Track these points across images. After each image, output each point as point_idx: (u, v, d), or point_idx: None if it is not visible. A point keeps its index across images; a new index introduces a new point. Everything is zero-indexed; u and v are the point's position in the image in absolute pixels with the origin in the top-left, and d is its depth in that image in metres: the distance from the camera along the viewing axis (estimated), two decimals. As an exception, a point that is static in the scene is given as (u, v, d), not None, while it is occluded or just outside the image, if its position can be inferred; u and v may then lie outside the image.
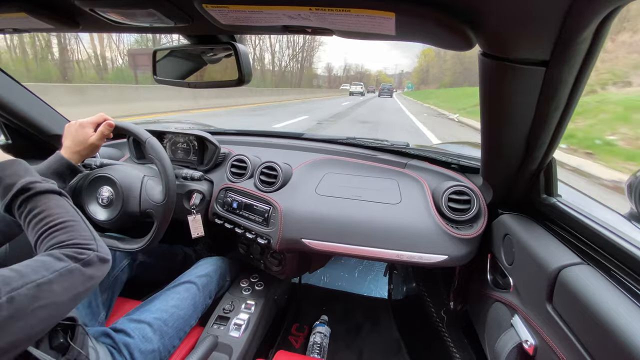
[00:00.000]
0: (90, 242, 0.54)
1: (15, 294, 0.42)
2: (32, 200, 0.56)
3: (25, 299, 0.43)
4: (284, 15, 0.46)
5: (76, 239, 0.53)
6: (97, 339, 0.71)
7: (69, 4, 0.49)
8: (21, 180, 0.57)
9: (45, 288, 0.45)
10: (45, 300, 0.45)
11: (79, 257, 0.51)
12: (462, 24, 0.40)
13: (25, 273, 0.45)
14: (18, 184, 0.56)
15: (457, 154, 1.06)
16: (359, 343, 1.33)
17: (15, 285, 0.43)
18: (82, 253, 0.52)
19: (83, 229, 0.55)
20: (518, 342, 0.61)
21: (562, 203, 0.65)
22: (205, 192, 1.07)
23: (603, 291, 0.46)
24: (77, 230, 0.54)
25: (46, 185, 0.58)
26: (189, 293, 0.91)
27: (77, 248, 0.52)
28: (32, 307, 0.43)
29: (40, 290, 0.45)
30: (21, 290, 0.43)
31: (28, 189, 0.56)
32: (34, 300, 0.44)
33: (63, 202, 0.58)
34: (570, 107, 0.52)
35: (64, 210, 0.56)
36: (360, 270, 1.74)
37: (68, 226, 0.54)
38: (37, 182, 0.57)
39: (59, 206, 0.57)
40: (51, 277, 0.46)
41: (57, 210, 0.56)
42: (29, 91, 1.10)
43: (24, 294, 0.43)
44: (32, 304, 0.44)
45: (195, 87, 0.79)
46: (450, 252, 0.82)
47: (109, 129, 0.81)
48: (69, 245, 0.52)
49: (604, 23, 0.39)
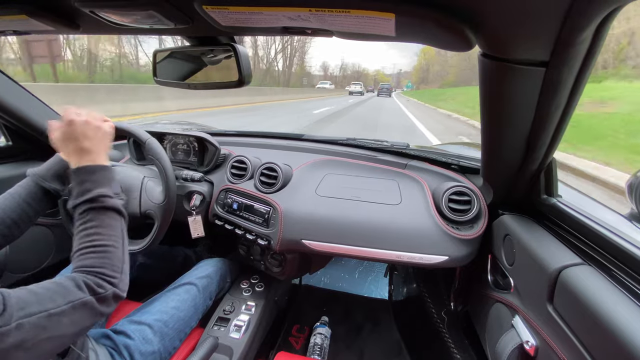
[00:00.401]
0: (116, 275, 0.55)
1: (26, 321, 0.42)
2: (94, 212, 0.59)
3: (34, 328, 0.43)
4: (283, 16, 0.46)
5: (104, 268, 0.54)
6: (97, 341, 0.71)
7: (69, 6, 0.49)
8: (97, 190, 0.60)
9: (55, 319, 0.45)
10: (52, 332, 0.45)
11: (97, 291, 0.52)
12: (461, 25, 0.40)
13: (42, 299, 0.45)
14: (93, 192, 0.59)
15: (457, 154, 1.06)
16: (360, 344, 1.33)
17: (29, 311, 0.43)
18: (102, 286, 0.52)
19: (117, 259, 0.57)
20: (519, 342, 0.61)
21: (563, 203, 0.65)
22: (205, 193, 1.07)
23: (604, 291, 0.45)
24: (110, 259, 0.56)
25: (113, 202, 0.61)
26: (189, 294, 0.91)
27: (100, 278, 0.53)
28: (39, 338, 0.43)
29: (50, 321, 0.45)
30: (32, 318, 0.43)
31: (97, 200, 0.59)
32: (42, 331, 0.44)
33: (117, 224, 0.60)
34: (570, 108, 0.52)
35: (112, 233, 0.59)
36: (360, 271, 1.74)
37: (105, 252, 0.56)
38: (108, 197, 0.61)
39: (111, 227, 0.59)
40: (64, 308, 0.47)
41: (107, 231, 0.58)
42: (28, 92, 1.10)
43: (33, 323, 0.43)
44: (39, 335, 0.43)
45: (196, 88, 0.79)
46: (450, 253, 0.82)
47: None
48: (95, 274, 0.53)
49: (603, 23, 0.39)
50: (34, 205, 0.70)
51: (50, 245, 1.22)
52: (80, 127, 0.64)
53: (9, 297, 0.43)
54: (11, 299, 0.43)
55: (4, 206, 0.66)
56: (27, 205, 0.69)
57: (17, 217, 0.67)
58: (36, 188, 0.71)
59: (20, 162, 1.18)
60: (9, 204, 0.67)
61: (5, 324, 0.40)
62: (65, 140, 0.64)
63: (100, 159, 0.65)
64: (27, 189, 0.70)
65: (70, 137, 0.64)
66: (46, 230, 1.20)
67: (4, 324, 0.40)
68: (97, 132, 0.66)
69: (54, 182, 0.72)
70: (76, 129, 0.64)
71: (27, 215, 0.69)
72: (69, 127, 0.64)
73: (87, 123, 0.65)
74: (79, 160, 0.63)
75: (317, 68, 66.41)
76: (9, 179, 1.09)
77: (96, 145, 0.65)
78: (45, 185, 0.71)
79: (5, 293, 0.43)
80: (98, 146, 0.66)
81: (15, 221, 0.67)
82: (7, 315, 0.41)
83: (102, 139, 0.68)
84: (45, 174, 0.72)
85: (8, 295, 0.43)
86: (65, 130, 0.64)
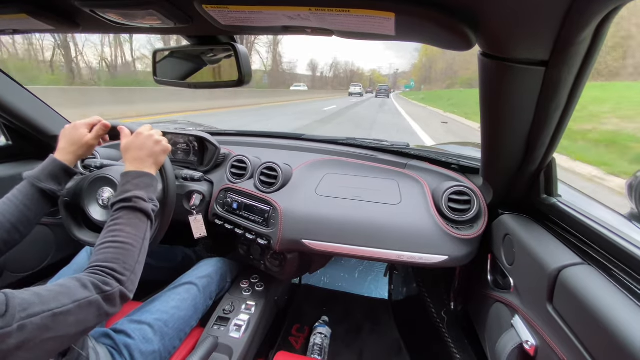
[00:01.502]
0: (126, 273, 0.56)
1: (28, 322, 0.42)
2: (125, 211, 0.64)
3: (37, 328, 0.43)
4: (283, 15, 0.46)
5: (116, 264, 0.56)
6: (97, 340, 0.71)
7: (69, 5, 0.49)
8: (135, 192, 0.66)
9: (60, 319, 0.45)
10: (56, 332, 0.45)
11: (103, 289, 0.52)
12: (461, 24, 0.40)
13: (46, 299, 0.45)
14: (130, 193, 0.65)
15: (457, 154, 1.06)
16: (360, 344, 1.33)
17: (32, 312, 0.43)
18: (108, 284, 0.53)
19: (131, 258, 0.59)
20: (519, 342, 0.61)
21: (562, 203, 0.65)
22: (205, 192, 1.07)
23: (603, 291, 0.45)
24: (125, 256, 0.58)
25: (145, 205, 0.66)
26: (189, 294, 0.91)
27: (109, 275, 0.54)
28: (42, 338, 0.43)
29: (54, 320, 0.45)
30: (35, 319, 0.43)
31: (131, 200, 0.65)
32: (45, 330, 0.44)
33: (142, 226, 0.65)
34: (570, 107, 0.52)
35: (135, 232, 0.62)
36: (360, 271, 1.74)
37: (122, 248, 0.59)
38: (141, 200, 0.66)
39: (136, 227, 0.63)
40: (70, 307, 0.47)
41: (131, 230, 0.62)
42: (29, 92, 1.10)
43: (36, 323, 0.43)
44: (42, 335, 0.43)
45: (196, 87, 0.79)
46: (450, 253, 0.82)
47: (104, 129, 0.80)
48: (104, 269, 0.54)
49: (603, 23, 0.39)
50: (32, 208, 0.70)
51: (50, 245, 1.22)
52: (143, 139, 0.74)
53: (13, 298, 0.43)
54: (14, 299, 0.43)
55: (2, 210, 0.67)
56: (25, 207, 0.69)
57: (17, 220, 0.68)
58: (33, 190, 0.71)
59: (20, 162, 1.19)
60: (7, 209, 0.67)
61: (6, 325, 0.40)
62: (128, 148, 0.73)
63: (147, 168, 0.72)
64: (23, 192, 0.70)
65: (132, 146, 0.73)
66: (46, 229, 1.20)
67: (6, 325, 0.40)
68: (155, 146, 0.75)
69: (49, 183, 0.72)
70: (139, 140, 0.74)
71: (27, 219, 0.69)
72: (134, 138, 0.74)
73: (149, 137, 0.75)
74: (131, 166, 0.71)
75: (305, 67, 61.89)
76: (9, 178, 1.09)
77: (149, 157, 0.73)
78: (41, 186, 0.71)
79: (10, 294, 0.43)
80: (150, 157, 0.74)
81: (14, 225, 0.67)
82: (9, 316, 0.41)
83: (158, 153, 0.75)
84: (40, 175, 0.72)
85: (12, 296, 0.43)
86: (131, 140, 0.74)
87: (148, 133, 0.75)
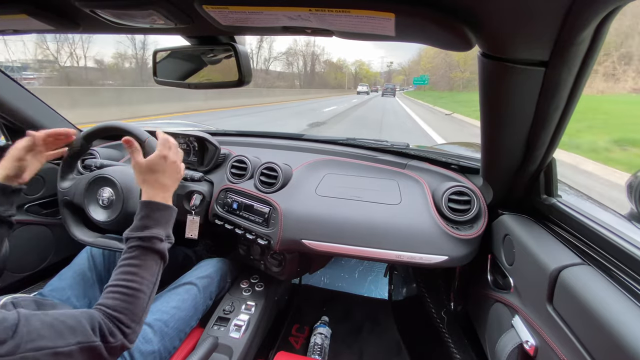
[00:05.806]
0: (131, 325, 0.55)
1: (31, 355, 0.42)
2: (141, 250, 0.60)
3: None
4: (284, 16, 0.46)
5: (124, 315, 0.54)
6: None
7: (69, 5, 0.49)
8: (154, 230, 0.62)
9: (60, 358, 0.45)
10: None
11: (108, 339, 0.51)
12: (461, 25, 0.40)
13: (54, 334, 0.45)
14: (150, 231, 0.61)
15: (457, 154, 1.06)
16: (360, 344, 1.33)
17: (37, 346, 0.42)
18: (114, 335, 0.52)
19: (140, 308, 0.56)
20: (519, 342, 0.61)
21: (562, 203, 0.65)
22: (205, 193, 1.07)
23: (603, 291, 0.46)
24: (134, 305, 0.55)
25: (161, 247, 0.62)
26: (189, 294, 0.91)
27: (115, 326, 0.53)
28: None
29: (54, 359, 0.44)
30: (37, 354, 0.42)
31: (149, 240, 0.60)
32: None
33: (156, 268, 0.61)
34: (570, 108, 0.52)
35: (148, 277, 0.59)
36: (360, 271, 1.74)
37: (133, 296, 0.56)
38: (159, 240, 0.62)
39: (150, 270, 0.60)
40: (72, 349, 0.46)
41: (144, 273, 0.59)
42: (29, 92, 1.10)
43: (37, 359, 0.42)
44: None
45: (196, 87, 0.79)
46: (450, 253, 0.82)
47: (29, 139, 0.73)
48: (113, 318, 0.53)
49: (603, 23, 0.39)
50: None
51: (50, 245, 1.22)
52: (169, 165, 0.68)
53: (25, 323, 0.43)
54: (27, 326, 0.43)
55: None
56: None
57: None
58: None
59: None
60: None
61: (9, 354, 0.40)
62: (150, 169, 0.66)
63: (169, 199, 0.67)
64: None
65: (156, 168, 0.66)
66: (46, 230, 1.20)
67: (8, 354, 0.40)
68: (178, 173, 0.70)
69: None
70: (164, 164, 0.67)
71: None
72: (161, 159, 0.67)
73: (174, 163, 0.69)
74: (152, 193, 0.65)
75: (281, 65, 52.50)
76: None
77: (172, 185, 0.68)
78: None
79: (23, 319, 0.43)
80: (173, 186, 0.69)
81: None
82: (14, 344, 0.41)
83: (178, 180, 0.71)
84: None
85: (25, 320, 0.43)
86: (157, 160, 0.67)
87: (173, 158, 0.69)
